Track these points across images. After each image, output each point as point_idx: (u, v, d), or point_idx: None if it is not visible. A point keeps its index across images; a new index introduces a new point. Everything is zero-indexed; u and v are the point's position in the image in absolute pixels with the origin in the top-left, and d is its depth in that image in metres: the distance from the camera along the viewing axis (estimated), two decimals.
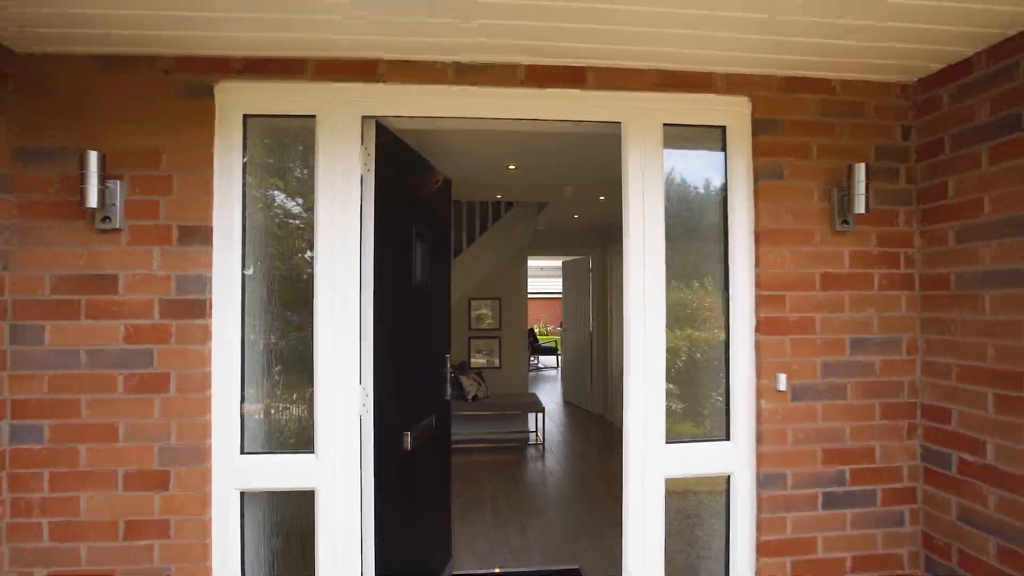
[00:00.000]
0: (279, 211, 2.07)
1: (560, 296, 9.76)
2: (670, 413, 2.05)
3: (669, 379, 2.06)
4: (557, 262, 9.81)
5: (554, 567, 3.14)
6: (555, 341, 13.60)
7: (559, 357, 11.64)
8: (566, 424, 7.07)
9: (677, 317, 2.11)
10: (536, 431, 5.99)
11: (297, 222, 2.06)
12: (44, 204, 1.82)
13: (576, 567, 3.13)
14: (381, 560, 2.08)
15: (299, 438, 1.98)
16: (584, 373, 7.82)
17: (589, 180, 4.47)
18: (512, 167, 4.11)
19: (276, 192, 2.06)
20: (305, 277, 1.97)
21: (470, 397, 5.91)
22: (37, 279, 1.80)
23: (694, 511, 2.19)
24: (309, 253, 1.97)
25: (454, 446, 3.97)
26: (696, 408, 2.15)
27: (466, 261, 6.40)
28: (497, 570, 3.11)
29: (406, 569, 2.43)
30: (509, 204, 6.34)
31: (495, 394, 6.38)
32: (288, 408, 2.01)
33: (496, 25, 1.67)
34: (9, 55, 1.79)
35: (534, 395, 6.67)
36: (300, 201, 2.05)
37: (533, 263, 11.18)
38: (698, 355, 2.16)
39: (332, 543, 1.91)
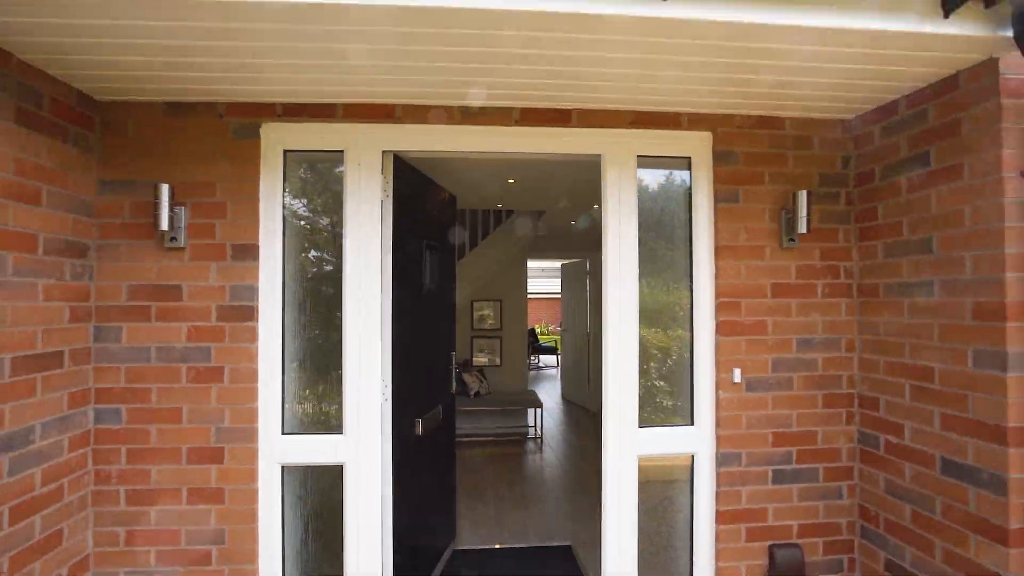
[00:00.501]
0: (312, 230, 2.43)
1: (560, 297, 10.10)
2: (643, 401, 2.41)
3: (642, 373, 2.42)
4: (558, 264, 10.15)
5: (548, 543, 3.50)
6: (555, 341, 13.94)
7: (559, 356, 11.98)
8: (564, 420, 7.43)
9: (650, 319, 2.47)
10: (535, 426, 6.35)
11: (327, 239, 2.43)
12: (120, 226, 2.19)
13: (568, 544, 3.49)
14: (397, 528, 2.45)
15: (329, 422, 2.35)
16: (582, 372, 8.17)
17: (582, 192, 4.82)
18: (511, 180, 4.47)
19: (310, 214, 2.43)
20: (334, 286, 2.34)
21: (473, 393, 6.27)
22: (115, 288, 2.18)
23: (663, 489, 2.54)
24: (337, 265, 2.33)
25: (458, 439, 4.32)
26: (666, 397, 2.51)
27: (469, 265, 6.77)
28: (497, 546, 3.47)
29: (417, 540, 2.79)
30: (510, 211, 6.70)
31: (496, 391, 6.74)
32: (320, 396, 2.38)
33: (494, 82, 2.04)
34: (92, 103, 2.16)
35: (533, 392, 7.03)
36: (330, 222, 2.42)
37: (535, 264, 11.52)
38: (667, 352, 2.51)
39: (357, 509, 2.27)
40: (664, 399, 2.50)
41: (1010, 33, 1.63)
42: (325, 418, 2.37)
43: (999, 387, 1.78)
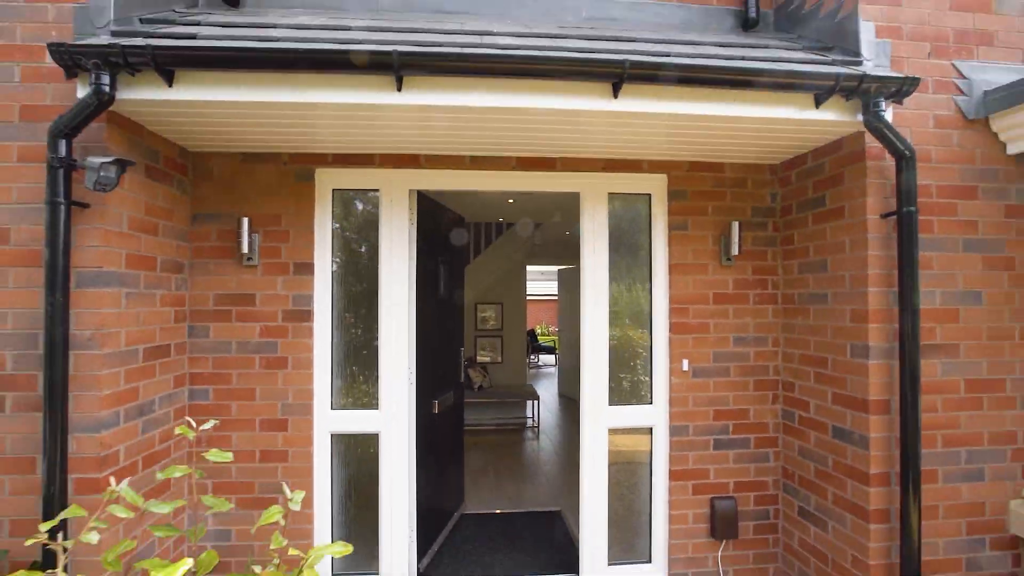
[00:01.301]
0: (354, 250, 3.08)
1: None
2: (613, 386, 3.06)
3: (613, 363, 3.07)
4: (556, 268, 10.78)
5: (541, 509, 4.15)
6: (554, 341, 14.58)
7: (557, 356, 12.61)
8: (559, 412, 8.08)
9: (618, 320, 3.12)
10: (532, 416, 7.00)
11: (365, 257, 3.07)
12: (208, 249, 2.84)
13: (558, 509, 4.14)
14: (419, 488, 3.10)
15: (368, 400, 3.00)
16: (577, 369, 8.79)
17: (571, 210, 5.45)
18: (511, 201, 5.13)
19: (353, 238, 3.07)
20: (370, 293, 2.99)
21: (476, 387, 6.92)
22: (205, 296, 2.83)
23: (630, 461, 3.19)
24: (373, 277, 2.98)
25: (464, 427, 4.95)
26: (631, 383, 3.16)
27: (473, 271, 7.41)
28: (497, 511, 4.12)
29: (434, 500, 3.44)
30: (510, 223, 7.35)
31: (498, 385, 7.40)
32: (360, 380, 3.03)
33: (497, 143, 2.70)
34: (187, 153, 2.82)
35: (531, 386, 7.68)
36: (367, 244, 3.06)
37: (537, 269, 12.14)
38: (632, 346, 3.16)
39: (389, 469, 2.93)
40: (629, 384, 3.15)
41: (860, 118, 2.28)
42: (364, 397, 3.02)
43: (864, 371, 2.43)
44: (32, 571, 1.20)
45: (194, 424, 1.58)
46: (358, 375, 3.03)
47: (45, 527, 1.29)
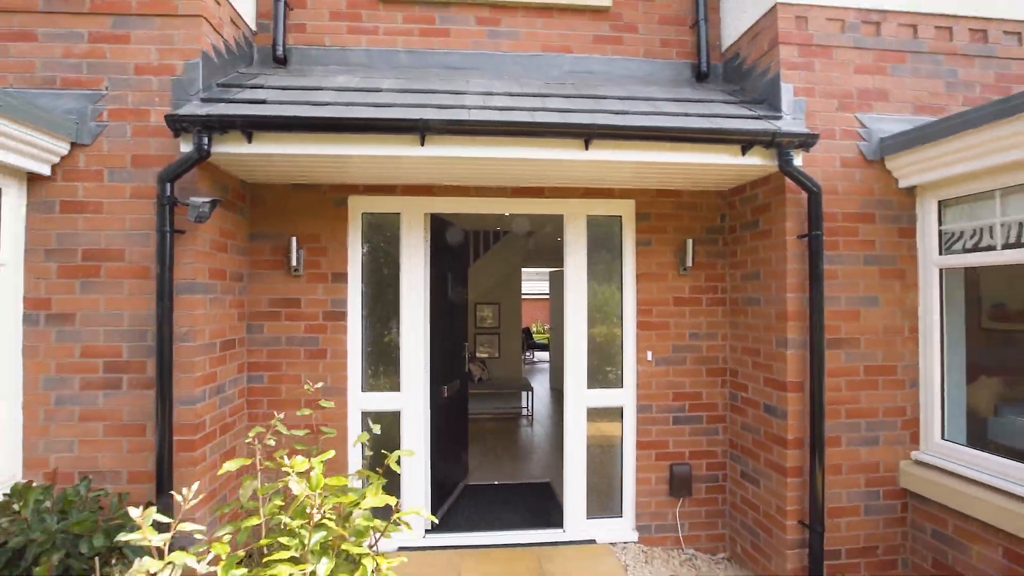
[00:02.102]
0: (379, 262, 3.74)
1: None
2: (592, 374, 3.74)
3: (590, 354, 3.74)
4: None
5: (533, 481, 4.83)
6: (548, 339, 15.26)
7: (550, 352, 13.29)
8: (551, 403, 8.75)
9: (596, 319, 3.80)
10: (527, 406, 7.68)
11: (388, 268, 3.74)
12: (262, 262, 3.51)
13: (547, 481, 4.82)
14: (431, 458, 3.77)
15: (391, 384, 3.67)
16: None
17: (559, 222, 6.13)
18: (507, 213, 5.79)
19: (378, 252, 3.74)
20: (393, 298, 3.65)
21: (476, 380, 7.60)
22: (259, 300, 3.49)
23: (607, 444, 3.87)
24: (395, 284, 3.65)
25: None
26: (605, 370, 3.84)
27: (473, 274, 8.07)
28: (496, 482, 4.80)
29: (443, 470, 4.11)
30: (507, 231, 8.02)
31: (495, 377, 8.07)
32: (385, 368, 3.70)
33: (496, 176, 3.37)
34: (246, 185, 3.47)
35: (526, 379, 8.36)
36: (390, 256, 3.73)
37: (532, 270, 12.80)
38: (607, 341, 3.84)
39: (409, 440, 3.60)
40: (604, 371, 3.83)
41: (776, 162, 2.96)
42: (387, 381, 3.69)
43: (784, 359, 3.11)
44: (244, 459, 1.88)
45: (310, 381, 2.24)
46: (383, 363, 3.70)
47: (253, 432, 1.97)
